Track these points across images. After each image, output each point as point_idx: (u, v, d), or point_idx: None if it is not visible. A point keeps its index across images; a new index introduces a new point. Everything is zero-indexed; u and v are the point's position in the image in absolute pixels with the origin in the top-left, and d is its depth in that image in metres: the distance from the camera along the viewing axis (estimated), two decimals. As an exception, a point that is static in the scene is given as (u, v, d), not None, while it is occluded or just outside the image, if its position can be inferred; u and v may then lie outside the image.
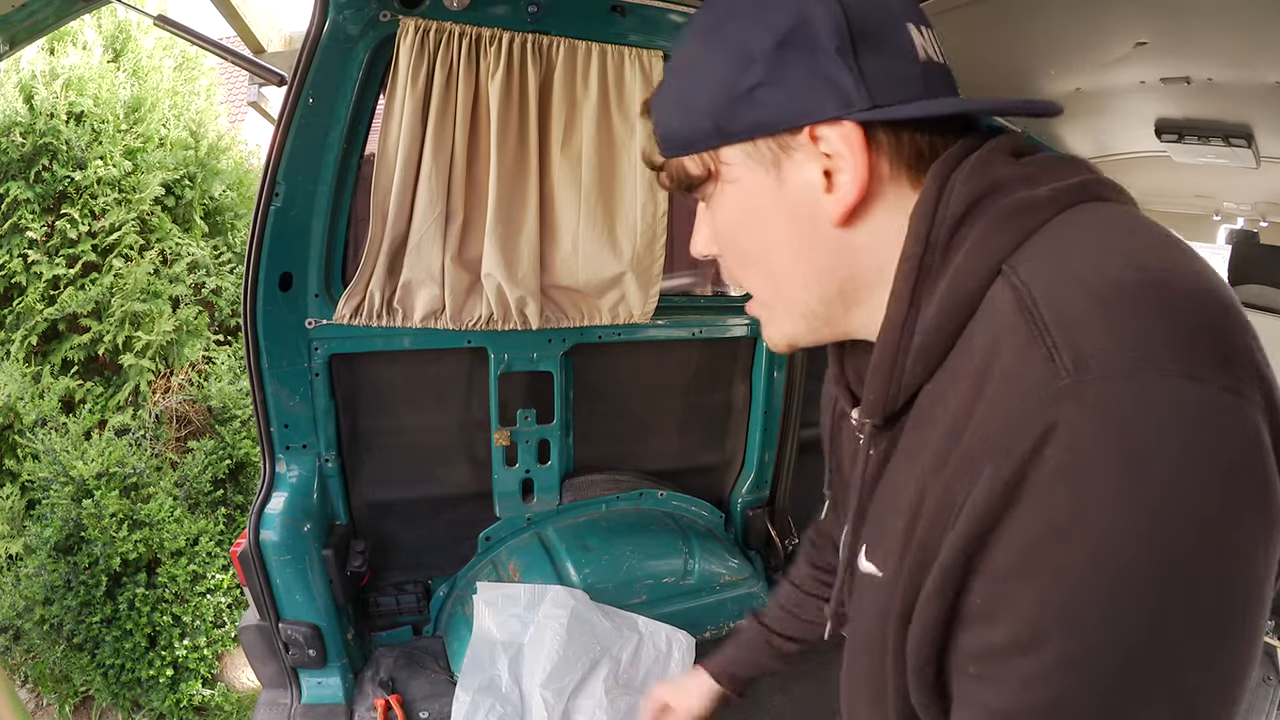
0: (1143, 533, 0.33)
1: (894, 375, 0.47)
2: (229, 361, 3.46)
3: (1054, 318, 0.37)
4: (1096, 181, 0.46)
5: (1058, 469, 0.35)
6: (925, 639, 0.43)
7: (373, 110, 1.38)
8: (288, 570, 1.44)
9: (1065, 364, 0.35)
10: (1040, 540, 0.35)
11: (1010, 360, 0.38)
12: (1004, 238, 0.43)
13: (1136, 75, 1.87)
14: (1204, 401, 0.34)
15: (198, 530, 3.03)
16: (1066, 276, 0.38)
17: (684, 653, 1.61)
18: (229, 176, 3.55)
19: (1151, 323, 0.35)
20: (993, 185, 0.45)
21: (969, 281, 0.43)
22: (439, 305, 1.49)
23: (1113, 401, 0.34)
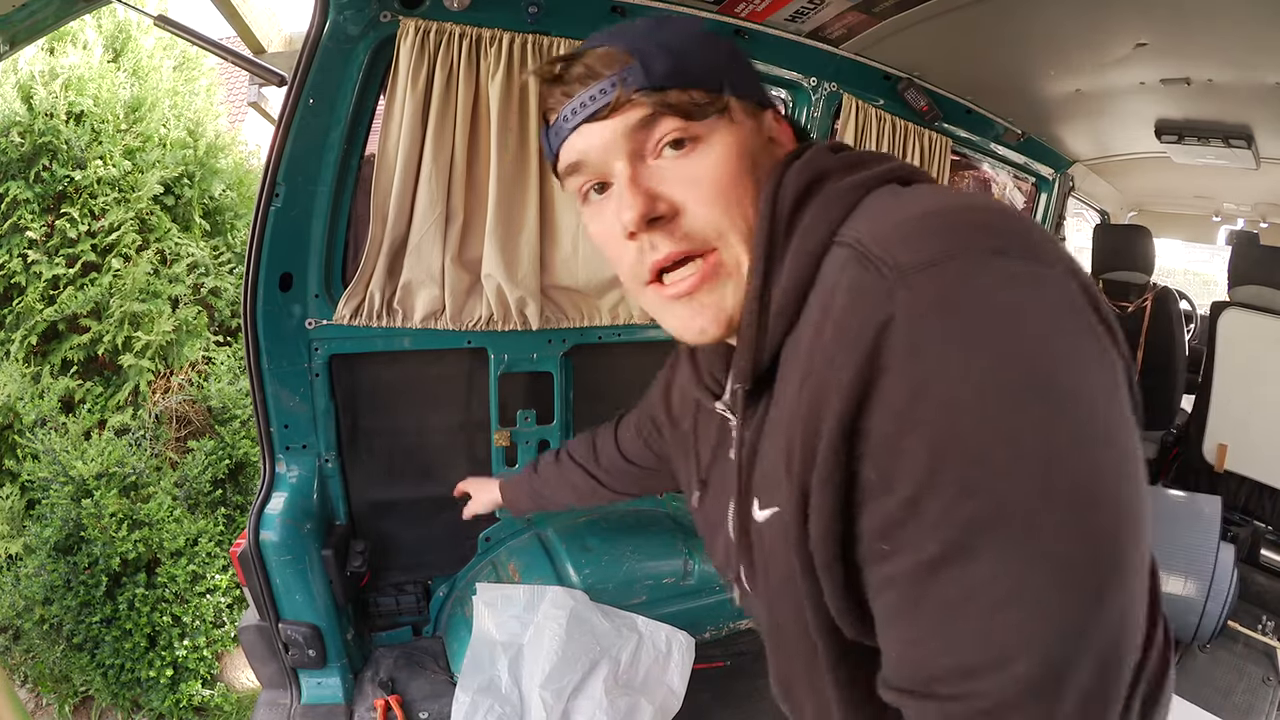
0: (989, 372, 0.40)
1: (759, 336, 0.55)
2: (229, 362, 3.46)
3: (876, 245, 0.45)
4: (901, 167, 0.56)
5: (905, 342, 0.41)
6: (826, 534, 0.48)
7: (373, 111, 1.38)
8: (287, 570, 1.44)
9: (890, 270, 0.43)
10: (908, 401, 0.41)
11: (847, 287, 0.46)
12: (834, 212, 0.52)
13: (1136, 76, 1.88)
14: (1009, 266, 0.42)
15: (197, 530, 3.02)
16: (883, 221, 0.48)
17: (683, 652, 1.61)
18: (228, 176, 3.55)
19: (957, 228, 0.44)
20: (819, 173, 0.56)
21: (806, 253, 0.52)
22: (439, 306, 1.49)
23: (933, 281, 0.42)
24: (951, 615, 0.42)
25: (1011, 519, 0.39)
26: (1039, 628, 0.40)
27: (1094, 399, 0.41)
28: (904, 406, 0.42)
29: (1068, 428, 0.40)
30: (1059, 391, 0.40)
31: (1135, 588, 0.42)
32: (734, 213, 0.57)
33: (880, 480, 0.44)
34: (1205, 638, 1.95)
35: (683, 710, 1.54)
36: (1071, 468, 0.39)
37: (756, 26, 1.59)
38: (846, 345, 0.44)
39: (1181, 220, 4.01)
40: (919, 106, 1.94)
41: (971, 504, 0.40)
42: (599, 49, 0.59)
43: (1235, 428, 2.57)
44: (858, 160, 0.57)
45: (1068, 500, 0.39)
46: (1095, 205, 3.60)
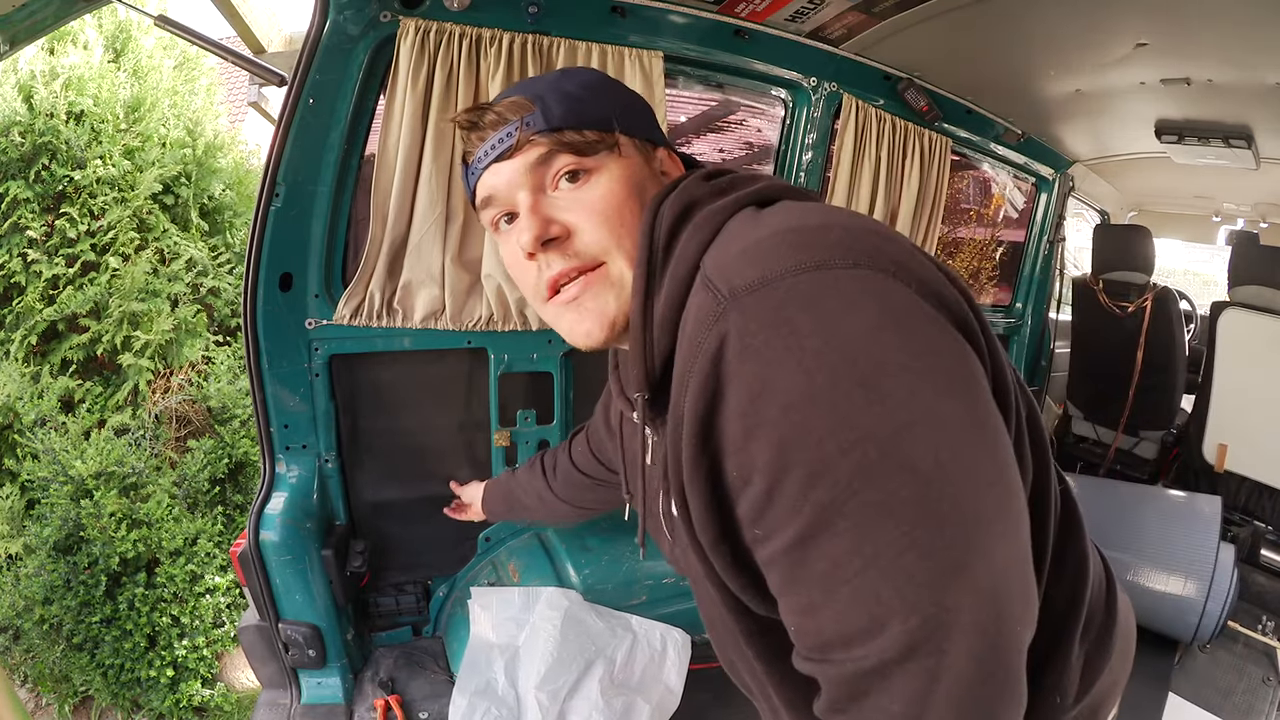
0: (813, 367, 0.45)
1: (645, 349, 0.61)
2: (228, 361, 3.46)
3: (715, 273, 0.52)
4: (773, 187, 0.62)
5: (738, 354, 0.48)
6: (704, 518, 0.54)
7: (373, 111, 1.38)
8: (287, 570, 1.44)
9: (724, 294, 0.50)
10: (748, 404, 0.47)
11: (693, 311, 0.53)
12: (699, 238, 0.58)
13: (1136, 76, 1.88)
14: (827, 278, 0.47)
15: (197, 530, 3.02)
16: (726, 249, 0.54)
17: (679, 650, 1.61)
18: (227, 175, 3.55)
19: (782, 249, 0.49)
20: (691, 201, 0.62)
21: (682, 272, 0.57)
22: (439, 306, 1.49)
23: (758, 300, 0.48)
24: (827, 587, 0.46)
25: (855, 496, 0.44)
26: (905, 591, 0.44)
27: (917, 381, 0.45)
28: (746, 409, 0.47)
29: (893, 410, 0.44)
30: (879, 380, 0.44)
31: (1007, 548, 0.46)
32: (619, 232, 0.65)
33: (740, 475, 0.50)
34: (1205, 638, 1.95)
35: (682, 710, 1.54)
36: (901, 446, 0.44)
37: (756, 26, 1.59)
38: (695, 361, 0.51)
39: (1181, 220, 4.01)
40: (919, 106, 1.94)
41: (819, 487, 0.45)
42: (508, 98, 0.68)
43: (1235, 428, 2.57)
44: (727, 185, 0.63)
45: (902, 476, 0.44)
46: (1095, 205, 3.60)
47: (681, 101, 2.06)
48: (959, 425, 0.46)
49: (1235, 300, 2.55)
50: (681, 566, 0.75)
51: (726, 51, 1.61)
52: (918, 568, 0.43)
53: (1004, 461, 0.48)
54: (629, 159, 0.69)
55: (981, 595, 0.44)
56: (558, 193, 0.67)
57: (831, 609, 0.46)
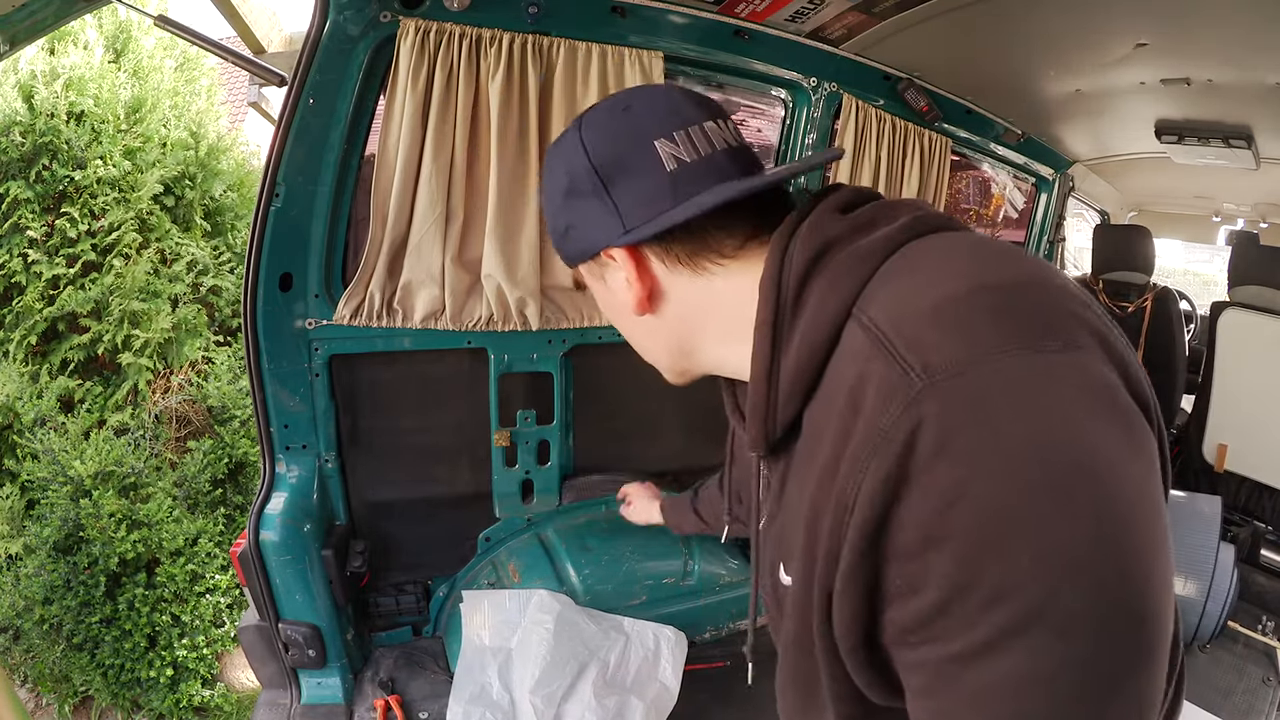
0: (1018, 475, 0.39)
1: (767, 416, 0.56)
2: (228, 361, 3.46)
3: (901, 340, 0.44)
4: (924, 218, 0.53)
5: (930, 454, 0.41)
6: (850, 625, 0.48)
7: (373, 111, 1.38)
8: (287, 570, 1.44)
9: (918, 372, 0.42)
10: (935, 514, 0.41)
11: (876, 384, 0.45)
12: (846, 286, 0.50)
13: (1136, 76, 1.88)
14: (1035, 364, 0.41)
15: (197, 530, 3.03)
16: (905, 306, 0.46)
17: (673, 648, 1.61)
18: (229, 177, 3.55)
19: (977, 320, 0.43)
20: (826, 244, 0.53)
21: (819, 331, 0.51)
22: (439, 306, 1.49)
23: (962, 388, 0.41)
24: (979, 704, 0.42)
25: (1040, 620, 0.39)
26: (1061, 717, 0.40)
27: (1122, 495, 0.41)
28: (931, 518, 0.41)
29: (1095, 531, 0.39)
30: (1087, 494, 0.40)
31: (1160, 667, 0.42)
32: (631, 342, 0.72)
33: (908, 584, 0.44)
34: (1205, 638, 1.95)
35: (682, 710, 1.54)
36: (1100, 572, 0.39)
37: (756, 26, 1.59)
38: (874, 449, 0.43)
39: (1181, 220, 4.01)
40: (919, 107, 1.94)
41: (1002, 609, 0.40)
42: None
43: (1235, 428, 2.57)
44: (868, 221, 0.54)
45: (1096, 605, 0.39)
46: (1095, 205, 3.60)
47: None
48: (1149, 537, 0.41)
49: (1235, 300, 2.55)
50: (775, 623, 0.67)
51: (726, 51, 1.61)
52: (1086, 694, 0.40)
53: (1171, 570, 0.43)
54: (592, 286, 0.68)
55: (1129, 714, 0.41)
56: None
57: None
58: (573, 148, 0.60)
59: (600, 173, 0.58)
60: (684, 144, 0.58)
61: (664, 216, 0.57)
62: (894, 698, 0.51)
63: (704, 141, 0.59)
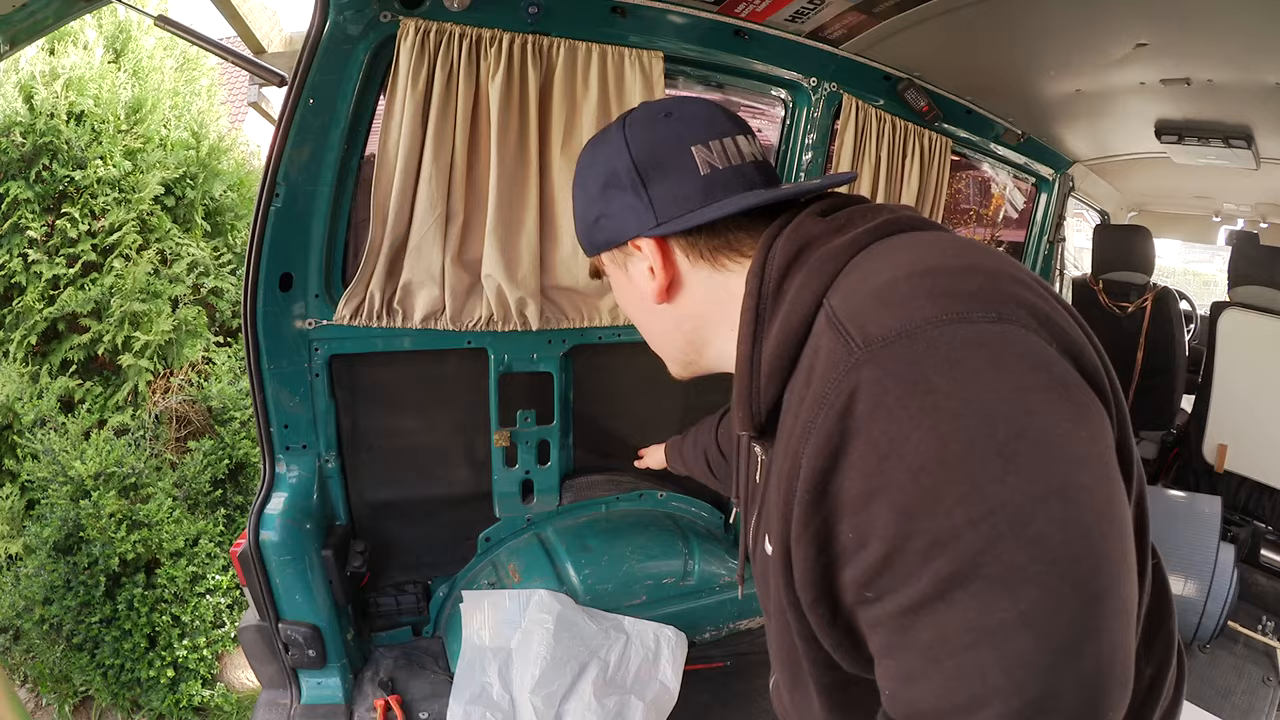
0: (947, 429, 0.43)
1: (751, 396, 0.60)
2: (229, 362, 3.46)
3: (848, 317, 0.49)
4: (897, 220, 0.58)
5: (867, 412, 0.45)
6: (807, 577, 0.52)
7: (373, 111, 1.38)
8: (288, 570, 1.44)
9: (857, 343, 0.47)
10: (874, 466, 0.45)
11: (824, 355, 0.50)
12: (818, 280, 0.55)
13: (1136, 76, 1.88)
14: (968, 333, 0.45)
15: (197, 531, 3.02)
16: (858, 290, 0.51)
17: (673, 648, 1.61)
18: (230, 177, 3.55)
19: (919, 297, 0.47)
20: (805, 242, 0.59)
21: (795, 318, 0.55)
22: (439, 306, 1.49)
23: (895, 355, 0.45)
24: (932, 657, 0.44)
25: (978, 569, 0.42)
26: (1012, 672, 0.42)
27: (1056, 452, 0.43)
28: (871, 470, 0.45)
29: (1028, 483, 0.42)
30: (1017, 448, 0.42)
31: (1117, 636, 0.43)
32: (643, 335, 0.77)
33: (856, 537, 0.47)
34: (1205, 638, 1.95)
35: (682, 711, 1.54)
36: (1032, 521, 0.41)
37: (757, 26, 1.59)
38: (820, 412, 0.48)
39: (1181, 220, 4.01)
40: (919, 107, 1.94)
41: (942, 557, 0.43)
42: None
43: (1235, 428, 2.57)
44: (845, 222, 0.60)
45: (1029, 552, 0.41)
46: (1095, 205, 3.60)
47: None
48: (1091, 501, 0.43)
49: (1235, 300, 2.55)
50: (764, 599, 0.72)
51: (726, 52, 1.61)
52: (1030, 648, 0.42)
53: (1126, 539, 0.45)
54: (612, 276, 0.75)
55: (1086, 681, 0.42)
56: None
57: (932, 681, 0.45)
58: (616, 145, 0.67)
59: (640, 170, 0.65)
60: (717, 153, 0.65)
61: (696, 214, 0.64)
62: (866, 668, 0.54)
63: (734, 153, 0.66)
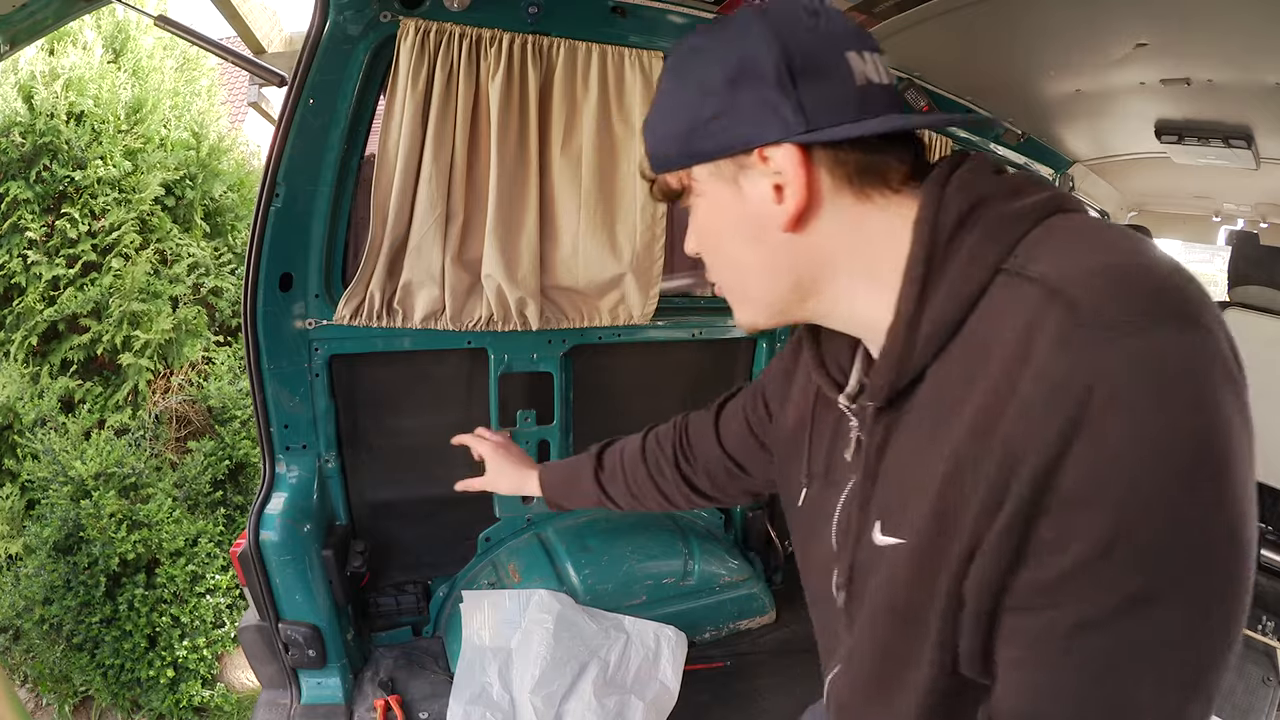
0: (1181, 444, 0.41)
1: (903, 362, 0.53)
2: (229, 362, 3.46)
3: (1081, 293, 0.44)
4: (1064, 196, 0.54)
5: (1105, 404, 0.41)
6: (992, 578, 0.47)
7: (373, 111, 1.38)
8: (288, 571, 1.44)
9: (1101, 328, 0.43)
10: (1104, 467, 0.42)
11: (1051, 335, 0.44)
12: (999, 244, 0.50)
13: (1136, 76, 1.87)
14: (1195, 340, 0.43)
15: (197, 531, 3.02)
16: (1076, 265, 0.46)
17: (674, 648, 1.61)
18: (230, 177, 3.55)
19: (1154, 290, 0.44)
20: (980, 198, 0.52)
21: (971, 282, 0.50)
22: (439, 306, 1.49)
23: (1142, 348, 0.42)
24: (1086, 677, 0.44)
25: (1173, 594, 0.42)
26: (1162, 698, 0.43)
27: (1248, 483, 0.43)
28: (1098, 472, 0.42)
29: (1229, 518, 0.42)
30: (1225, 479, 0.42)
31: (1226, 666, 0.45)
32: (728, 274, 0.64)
33: (1054, 539, 0.44)
34: (1205, 638, 1.95)
35: (682, 711, 1.54)
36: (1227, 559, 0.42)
37: (756, 27, 1.59)
38: (1049, 396, 0.43)
39: (1181, 220, 4.01)
40: (919, 106, 1.94)
41: (1137, 577, 0.42)
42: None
43: (1235, 428, 2.57)
44: (1020, 185, 0.54)
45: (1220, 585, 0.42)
46: (1095, 205, 3.60)
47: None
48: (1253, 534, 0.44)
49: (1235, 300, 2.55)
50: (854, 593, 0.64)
51: (726, 51, 1.61)
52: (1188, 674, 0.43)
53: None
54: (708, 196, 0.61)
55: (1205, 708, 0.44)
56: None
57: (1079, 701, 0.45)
58: (756, 32, 0.55)
59: (790, 64, 0.53)
60: (871, 65, 0.56)
61: (858, 125, 0.53)
62: (984, 670, 0.52)
63: (882, 71, 0.57)
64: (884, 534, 0.57)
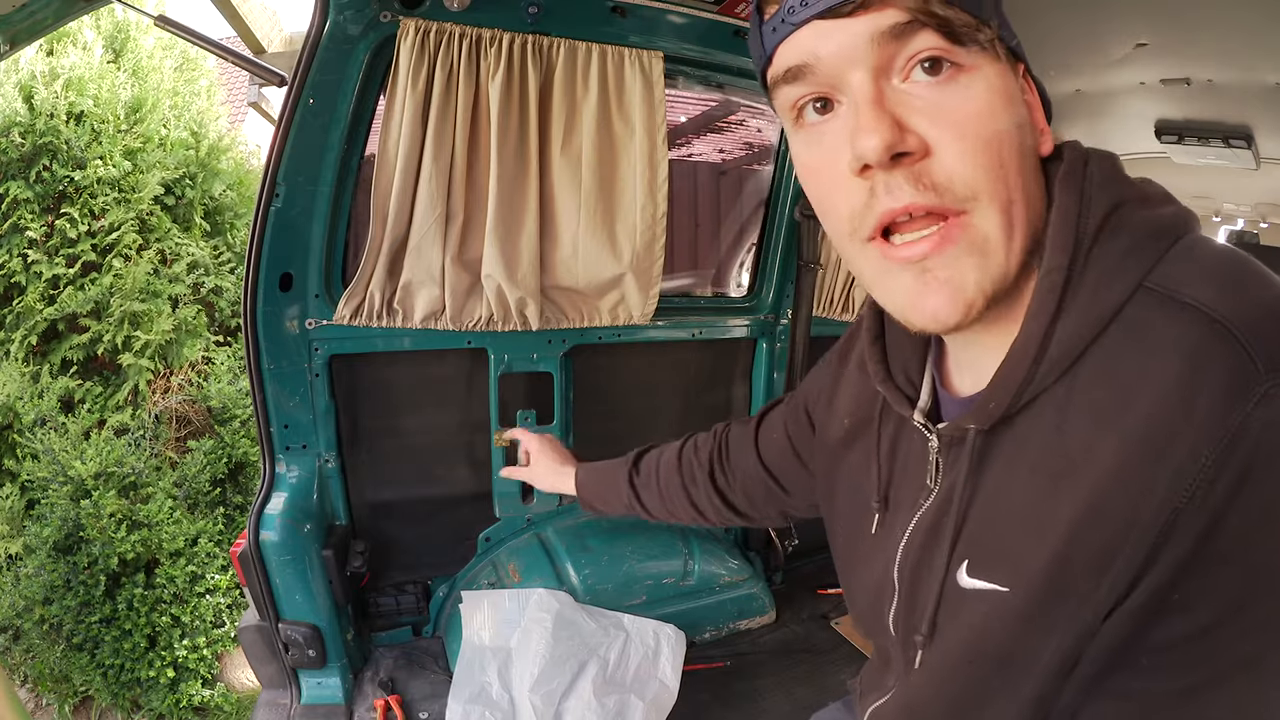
0: None
1: (1024, 383, 0.47)
2: (229, 362, 3.46)
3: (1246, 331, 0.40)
4: (1188, 211, 0.49)
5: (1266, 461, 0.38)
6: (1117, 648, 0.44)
7: (373, 111, 1.38)
8: (288, 570, 1.44)
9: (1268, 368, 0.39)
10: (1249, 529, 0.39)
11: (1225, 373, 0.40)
12: (1142, 260, 0.45)
13: (1136, 76, 1.88)
14: None
15: (197, 530, 3.02)
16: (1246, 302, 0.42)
17: (673, 646, 1.61)
18: (229, 176, 3.55)
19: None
20: (1118, 201, 0.47)
21: (1110, 299, 0.45)
22: (439, 306, 1.49)
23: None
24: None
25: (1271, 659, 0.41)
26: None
27: None
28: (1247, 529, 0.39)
29: None
30: None
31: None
32: (995, 174, 0.46)
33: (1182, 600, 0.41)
34: (1205, 638, 1.95)
35: (682, 711, 1.54)
36: None
37: (756, 27, 1.59)
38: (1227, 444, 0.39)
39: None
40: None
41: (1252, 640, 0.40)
42: None
43: (1235, 428, 2.57)
44: (1149, 191, 0.49)
45: None
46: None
47: (681, 101, 2.06)
48: None
49: (1235, 300, 2.55)
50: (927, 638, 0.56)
51: (726, 52, 1.61)
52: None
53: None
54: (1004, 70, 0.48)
55: None
56: (911, 86, 0.46)
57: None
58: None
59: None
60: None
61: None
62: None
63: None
64: (972, 575, 0.51)
